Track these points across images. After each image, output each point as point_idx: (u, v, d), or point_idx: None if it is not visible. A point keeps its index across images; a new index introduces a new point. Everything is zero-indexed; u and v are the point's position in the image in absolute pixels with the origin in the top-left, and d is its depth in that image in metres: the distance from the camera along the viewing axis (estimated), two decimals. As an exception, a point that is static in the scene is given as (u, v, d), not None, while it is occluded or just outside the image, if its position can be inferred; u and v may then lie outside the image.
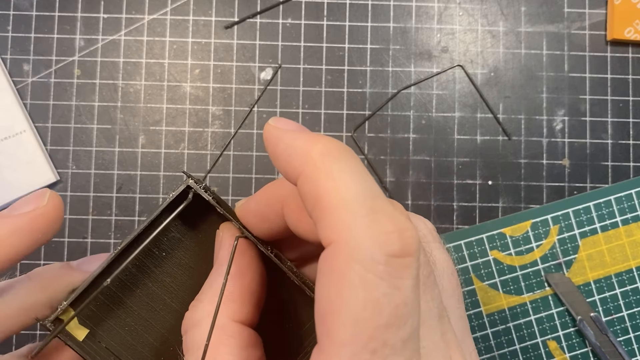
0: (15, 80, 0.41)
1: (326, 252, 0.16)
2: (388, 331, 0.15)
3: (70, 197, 0.40)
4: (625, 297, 0.40)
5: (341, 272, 0.15)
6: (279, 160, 0.18)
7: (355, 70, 0.42)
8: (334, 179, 0.16)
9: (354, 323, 0.15)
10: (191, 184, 0.22)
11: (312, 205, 0.17)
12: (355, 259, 0.15)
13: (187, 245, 0.24)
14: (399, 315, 0.15)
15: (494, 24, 0.42)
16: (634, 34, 0.41)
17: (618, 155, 0.41)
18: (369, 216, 0.16)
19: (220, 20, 0.42)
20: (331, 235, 0.16)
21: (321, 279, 0.16)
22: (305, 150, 0.17)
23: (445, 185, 0.41)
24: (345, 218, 0.16)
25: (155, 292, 0.24)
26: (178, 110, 0.41)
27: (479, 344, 0.39)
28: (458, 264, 0.40)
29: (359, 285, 0.15)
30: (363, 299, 0.15)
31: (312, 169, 0.17)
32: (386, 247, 0.15)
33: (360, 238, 0.15)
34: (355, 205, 0.16)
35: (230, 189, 0.41)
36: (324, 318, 0.16)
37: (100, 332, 0.23)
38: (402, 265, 0.16)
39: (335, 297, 0.15)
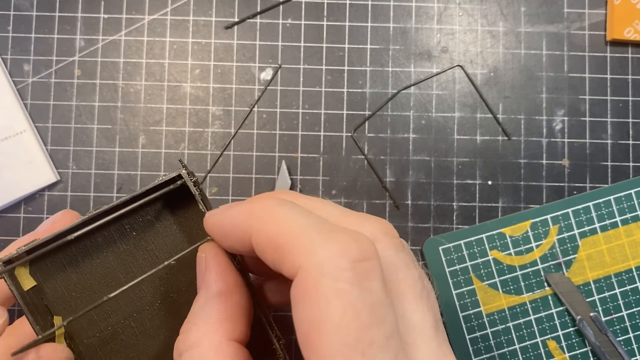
0: (15, 80, 0.41)
1: (295, 281, 0.17)
2: (371, 330, 0.16)
3: (71, 197, 0.40)
4: (624, 297, 0.40)
5: (313, 291, 0.16)
6: (228, 233, 0.20)
7: (355, 70, 0.42)
8: (285, 220, 0.18)
9: (337, 332, 0.16)
10: (182, 174, 0.22)
11: (271, 250, 0.18)
12: (323, 273, 0.16)
13: (158, 232, 0.24)
14: (377, 314, 0.16)
15: (493, 24, 0.42)
16: (634, 34, 0.41)
17: (618, 155, 0.41)
18: (323, 235, 0.17)
19: (220, 20, 0.42)
20: (295, 264, 0.17)
21: (296, 307, 0.17)
22: (248, 211, 0.19)
23: (445, 185, 0.41)
24: (304, 244, 0.17)
25: (113, 266, 0.24)
26: (178, 110, 0.41)
27: (479, 343, 0.39)
28: (457, 263, 0.40)
29: (332, 295, 0.16)
30: (340, 306, 0.16)
31: (261, 221, 0.19)
32: (348, 255, 0.17)
33: (322, 254, 0.17)
34: (308, 231, 0.17)
35: (230, 189, 0.41)
36: (308, 338, 0.16)
37: (46, 289, 0.23)
38: (366, 269, 0.17)
39: (314, 315, 0.16)
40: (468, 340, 0.39)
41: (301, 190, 0.41)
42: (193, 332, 0.20)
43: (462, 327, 0.39)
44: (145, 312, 0.24)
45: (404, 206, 0.41)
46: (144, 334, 0.24)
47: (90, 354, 0.24)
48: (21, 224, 0.40)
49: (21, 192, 0.40)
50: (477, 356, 0.39)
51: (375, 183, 0.41)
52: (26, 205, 0.40)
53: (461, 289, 0.40)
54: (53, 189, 0.41)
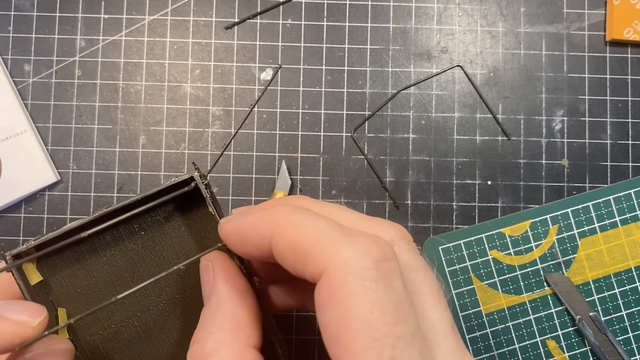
0: (16, 80, 0.41)
1: (320, 283, 0.18)
2: (397, 326, 0.17)
3: (71, 197, 0.41)
4: (624, 296, 0.40)
5: (340, 290, 0.17)
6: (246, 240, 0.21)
7: (355, 70, 0.42)
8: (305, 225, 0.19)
9: (367, 327, 0.16)
10: (195, 177, 0.22)
11: (293, 255, 0.18)
12: (349, 273, 0.17)
13: (167, 233, 0.24)
14: (401, 311, 0.17)
15: (493, 25, 0.42)
16: (633, 34, 0.41)
17: (617, 156, 0.41)
18: (346, 238, 0.18)
19: (220, 20, 0.42)
20: (320, 267, 0.17)
21: (322, 308, 0.17)
22: (268, 217, 0.20)
23: (444, 185, 0.41)
24: (328, 247, 0.18)
25: (120, 265, 0.24)
26: (178, 110, 0.41)
27: (479, 343, 0.39)
28: (457, 263, 0.40)
29: (360, 293, 0.17)
30: (368, 303, 0.16)
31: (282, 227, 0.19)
32: (371, 255, 0.17)
33: (347, 256, 0.17)
34: (331, 235, 0.18)
35: (230, 189, 0.41)
36: (337, 337, 0.17)
37: (52, 285, 0.23)
38: (389, 269, 0.17)
39: (343, 313, 0.17)
40: (468, 340, 0.39)
41: (301, 190, 0.41)
42: (209, 340, 0.20)
43: (462, 326, 0.39)
44: (149, 312, 0.24)
45: (404, 206, 0.41)
46: (147, 334, 0.24)
47: (92, 351, 0.24)
48: (21, 224, 0.40)
49: (22, 192, 0.40)
50: (477, 356, 0.39)
51: (375, 183, 0.41)
52: (27, 205, 0.40)
53: (461, 289, 0.40)
54: (53, 189, 0.41)
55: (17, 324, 0.20)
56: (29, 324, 0.20)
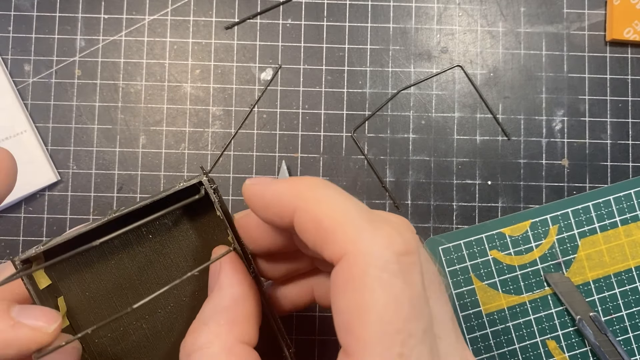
0: (16, 80, 0.41)
1: (338, 267, 0.17)
2: (410, 323, 0.16)
3: (71, 197, 0.41)
4: (624, 296, 0.40)
5: (359, 279, 0.16)
6: (269, 207, 0.20)
7: (355, 70, 0.42)
8: (330, 204, 0.18)
9: (380, 321, 0.16)
10: (204, 181, 0.22)
11: (314, 232, 0.18)
12: (370, 263, 0.16)
13: (175, 236, 0.24)
14: (416, 308, 0.17)
15: (493, 25, 0.42)
16: (633, 34, 0.41)
17: (617, 156, 0.41)
18: (370, 225, 0.17)
19: (220, 20, 0.42)
20: (340, 250, 0.17)
21: (338, 291, 0.17)
22: (293, 189, 0.19)
23: (444, 185, 0.41)
24: (351, 231, 0.17)
25: (128, 268, 0.24)
26: (178, 110, 0.41)
27: (479, 343, 0.39)
28: (457, 263, 0.40)
29: (377, 286, 0.16)
30: (384, 297, 0.16)
31: (306, 201, 0.19)
32: (394, 247, 0.17)
33: (369, 244, 0.17)
34: (355, 219, 0.17)
35: (230, 189, 0.41)
36: (349, 325, 0.17)
37: (60, 288, 0.23)
38: (410, 262, 0.17)
39: (357, 303, 0.16)
40: (468, 340, 0.39)
41: (301, 190, 0.41)
42: (204, 333, 0.20)
43: (462, 327, 0.39)
44: (158, 314, 0.24)
45: (404, 206, 0.41)
46: (155, 336, 0.24)
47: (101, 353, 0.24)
48: (21, 224, 0.40)
49: (22, 192, 0.40)
50: (477, 356, 0.39)
51: (375, 183, 0.41)
52: (27, 205, 0.40)
53: (461, 289, 0.40)
54: (53, 189, 0.41)
55: (33, 330, 0.19)
56: (45, 329, 0.20)
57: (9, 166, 0.22)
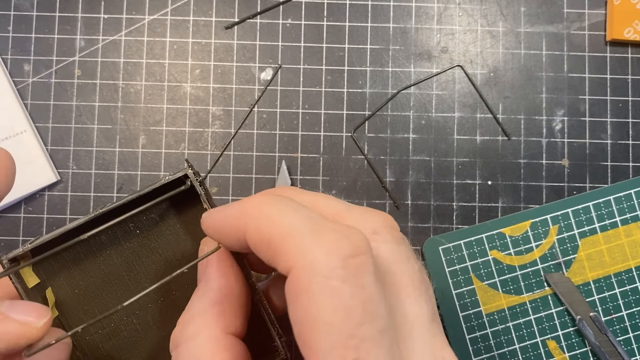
0: (15, 80, 0.41)
1: (288, 280, 0.17)
2: (364, 326, 0.16)
3: (71, 197, 0.41)
4: (624, 297, 0.40)
5: (305, 290, 0.16)
6: (223, 233, 0.20)
7: (355, 70, 0.42)
8: (275, 220, 0.18)
9: (329, 329, 0.16)
10: (189, 174, 0.22)
11: (266, 249, 0.18)
12: (315, 272, 0.16)
13: (162, 231, 0.24)
14: (370, 311, 0.16)
15: (493, 25, 0.42)
16: (634, 34, 0.41)
17: (617, 156, 0.41)
18: (314, 234, 0.17)
19: (220, 20, 0.42)
20: (288, 263, 0.17)
21: (290, 305, 0.17)
22: (242, 210, 0.19)
23: (444, 185, 0.41)
24: (295, 243, 0.17)
25: (116, 264, 0.24)
26: (178, 110, 0.41)
27: (479, 343, 0.39)
28: (457, 263, 0.40)
29: (324, 294, 0.16)
30: (331, 305, 0.16)
31: (254, 220, 0.19)
32: (339, 252, 0.17)
33: (313, 253, 0.17)
34: (299, 230, 0.17)
35: (230, 189, 0.41)
36: (303, 337, 0.17)
37: (49, 286, 0.23)
38: (358, 264, 0.17)
39: (307, 314, 0.16)
40: (468, 340, 0.39)
41: (301, 190, 0.41)
42: (191, 324, 0.20)
43: (462, 327, 0.39)
44: (148, 309, 0.24)
45: (404, 206, 0.41)
46: (147, 331, 0.24)
47: (93, 351, 0.24)
48: (21, 224, 0.40)
49: (21, 192, 0.40)
50: (477, 356, 0.39)
51: (375, 183, 0.41)
52: (26, 205, 0.40)
53: (461, 289, 0.40)
54: (53, 189, 0.41)
55: (22, 324, 0.19)
56: (34, 324, 0.20)
57: (8, 166, 0.22)
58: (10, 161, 0.22)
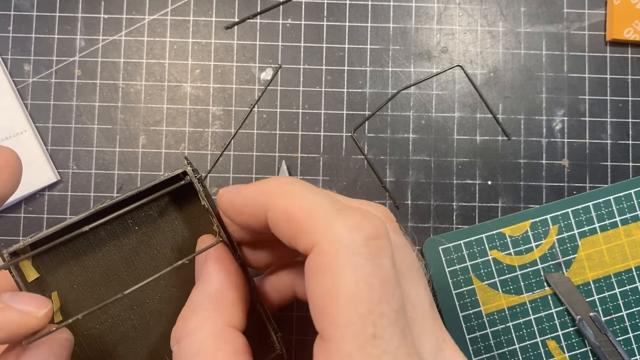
0: (15, 80, 0.41)
1: (311, 255, 0.18)
2: (382, 304, 0.17)
3: (71, 197, 0.41)
4: (624, 296, 0.40)
5: (330, 263, 0.17)
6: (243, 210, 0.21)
7: (355, 70, 0.42)
8: (299, 197, 0.19)
9: (352, 302, 0.17)
10: (188, 171, 0.23)
11: (287, 226, 0.19)
12: (340, 249, 0.17)
13: (161, 227, 0.25)
14: (388, 289, 0.17)
15: (493, 25, 0.42)
16: (634, 34, 0.41)
17: (617, 156, 0.41)
18: (339, 213, 0.18)
19: (220, 20, 0.42)
20: (312, 240, 0.18)
21: (312, 278, 0.18)
22: (263, 188, 0.20)
23: (444, 185, 0.41)
24: (321, 221, 0.18)
25: (115, 260, 0.24)
26: (178, 110, 0.41)
27: (479, 343, 0.39)
28: (457, 263, 0.40)
29: (348, 268, 0.17)
30: (355, 279, 0.17)
31: (276, 198, 0.19)
32: (363, 232, 0.18)
33: (339, 231, 0.17)
34: (324, 209, 0.18)
35: (230, 189, 0.41)
36: (323, 309, 0.17)
37: (48, 281, 0.23)
38: (379, 247, 0.18)
39: (330, 286, 0.17)
40: (468, 340, 0.39)
41: (301, 190, 0.41)
42: (192, 318, 0.21)
43: (462, 326, 0.39)
44: (146, 305, 0.24)
45: (404, 206, 0.41)
46: (144, 326, 0.24)
47: (90, 345, 0.24)
48: (21, 224, 0.40)
49: (22, 192, 0.40)
50: (477, 356, 0.39)
51: (375, 183, 0.41)
52: (26, 205, 0.40)
53: (461, 289, 0.40)
54: (53, 189, 0.41)
55: (23, 314, 0.20)
56: (35, 314, 0.20)
57: (14, 165, 0.22)
58: (17, 161, 0.23)
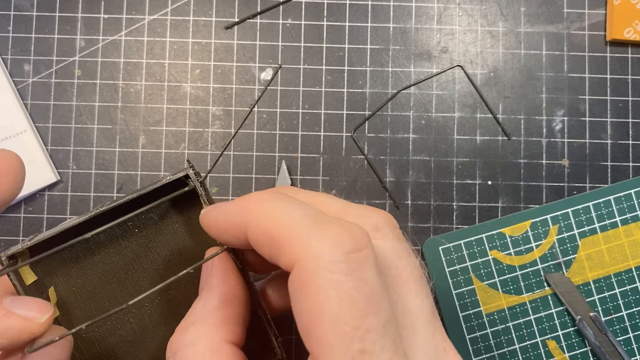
0: (15, 80, 0.41)
1: (292, 274, 0.18)
2: (368, 318, 0.17)
3: (71, 197, 0.41)
4: (624, 297, 0.40)
5: (310, 283, 0.17)
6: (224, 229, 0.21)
7: (355, 70, 0.42)
8: (278, 215, 0.19)
9: (336, 320, 0.16)
10: (190, 174, 0.22)
11: (267, 244, 0.18)
12: (319, 266, 0.17)
13: (161, 230, 0.24)
14: (373, 303, 0.17)
15: (493, 25, 0.42)
16: (634, 34, 0.41)
17: (617, 156, 0.41)
18: (317, 228, 0.18)
19: (220, 20, 0.42)
20: (292, 258, 0.17)
21: (295, 298, 0.17)
22: (243, 207, 0.20)
23: (444, 185, 0.41)
24: (298, 237, 0.18)
25: (114, 263, 0.24)
26: (178, 110, 0.41)
27: (479, 343, 0.39)
28: (457, 263, 0.40)
29: (329, 286, 0.17)
30: (336, 296, 0.17)
31: (256, 216, 0.19)
32: (341, 247, 0.17)
33: (317, 248, 0.17)
34: (302, 225, 0.18)
35: (230, 188, 0.41)
36: (309, 330, 0.17)
37: (46, 284, 0.23)
38: (359, 259, 0.17)
39: (312, 307, 0.17)
40: (468, 340, 0.39)
41: (301, 190, 0.41)
42: (190, 331, 0.20)
43: (462, 326, 0.39)
44: (145, 309, 0.24)
45: (404, 206, 0.41)
46: (143, 330, 0.24)
47: (88, 349, 0.24)
48: (21, 224, 0.40)
49: (22, 192, 0.40)
50: (477, 356, 0.39)
51: (375, 183, 0.41)
52: (26, 205, 0.40)
53: (461, 289, 0.40)
54: (53, 189, 0.41)
55: (25, 319, 0.20)
56: (37, 320, 0.20)
57: (17, 169, 0.22)
58: (20, 165, 0.22)
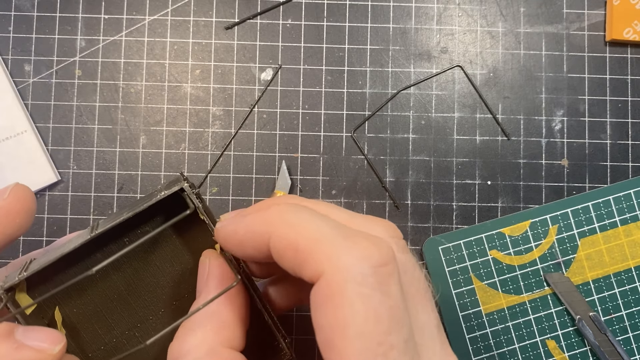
0: (16, 80, 0.41)
1: (317, 285, 0.17)
2: (391, 335, 0.16)
3: (72, 197, 0.41)
4: (623, 296, 0.40)
5: (338, 295, 0.17)
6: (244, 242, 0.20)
7: (355, 70, 0.42)
8: (303, 226, 0.18)
9: (361, 336, 0.16)
10: (185, 188, 0.22)
11: (292, 256, 0.18)
12: (347, 279, 0.17)
13: (159, 243, 0.24)
14: (396, 319, 0.17)
15: (493, 25, 0.42)
16: (633, 34, 0.41)
17: (617, 156, 0.41)
18: (345, 241, 0.17)
19: (220, 21, 0.42)
20: (318, 269, 0.17)
21: (318, 309, 0.17)
22: (265, 218, 0.19)
23: (444, 185, 0.41)
24: (326, 250, 0.17)
25: (114, 280, 0.24)
26: (179, 110, 0.41)
27: (479, 343, 0.39)
28: (457, 263, 0.40)
29: (356, 300, 0.16)
30: (364, 311, 0.16)
31: (279, 228, 0.19)
32: (370, 260, 0.17)
33: (346, 260, 0.17)
34: (330, 237, 0.18)
35: (230, 189, 0.41)
36: (330, 342, 0.17)
37: (46, 308, 0.23)
38: (386, 273, 0.17)
39: (338, 318, 0.16)
40: (467, 340, 0.39)
41: (301, 190, 0.41)
42: (190, 337, 0.20)
43: (462, 326, 0.39)
44: (149, 322, 0.24)
45: (404, 206, 0.41)
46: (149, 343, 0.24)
47: None
48: (22, 224, 0.40)
49: (22, 192, 0.40)
50: (477, 356, 0.39)
51: (375, 183, 0.41)
52: (27, 205, 0.40)
53: (461, 289, 0.40)
54: (54, 189, 0.41)
55: (37, 351, 0.19)
56: (50, 351, 0.19)
57: (30, 207, 0.21)
58: (32, 201, 0.21)
